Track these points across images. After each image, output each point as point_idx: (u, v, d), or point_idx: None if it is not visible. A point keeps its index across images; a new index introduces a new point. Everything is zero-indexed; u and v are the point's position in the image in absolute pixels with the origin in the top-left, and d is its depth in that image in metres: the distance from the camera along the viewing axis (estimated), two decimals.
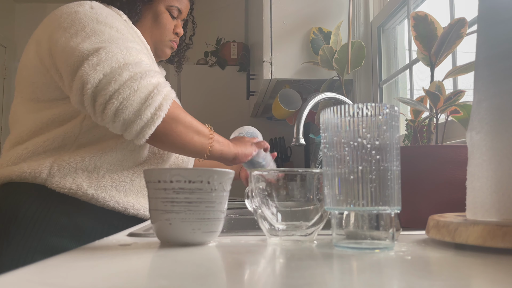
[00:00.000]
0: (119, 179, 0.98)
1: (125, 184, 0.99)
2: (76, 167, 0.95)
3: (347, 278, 0.37)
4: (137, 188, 1.02)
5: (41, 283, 0.35)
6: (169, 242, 0.55)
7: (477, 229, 0.47)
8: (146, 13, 1.12)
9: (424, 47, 0.85)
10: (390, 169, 0.49)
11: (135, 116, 0.85)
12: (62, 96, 0.96)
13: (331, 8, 1.83)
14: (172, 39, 1.17)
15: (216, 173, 0.55)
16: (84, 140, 0.97)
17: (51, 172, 0.93)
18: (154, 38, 1.14)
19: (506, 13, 0.53)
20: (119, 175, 0.99)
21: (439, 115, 0.82)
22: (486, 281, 0.37)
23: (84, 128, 0.96)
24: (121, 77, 0.84)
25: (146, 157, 1.04)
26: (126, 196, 1.00)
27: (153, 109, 0.86)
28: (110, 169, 0.98)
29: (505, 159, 0.51)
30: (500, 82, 0.53)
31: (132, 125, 0.86)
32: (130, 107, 0.84)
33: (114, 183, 0.97)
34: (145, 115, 0.85)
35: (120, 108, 0.84)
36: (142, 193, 1.03)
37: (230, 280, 0.37)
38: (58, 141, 0.96)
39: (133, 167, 1.01)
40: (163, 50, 1.17)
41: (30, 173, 0.93)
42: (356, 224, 0.49)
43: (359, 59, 1.62)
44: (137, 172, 1.02)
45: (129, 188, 1.00)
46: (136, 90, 0.84)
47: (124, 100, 0.84)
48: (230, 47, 2.98)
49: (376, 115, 0.49)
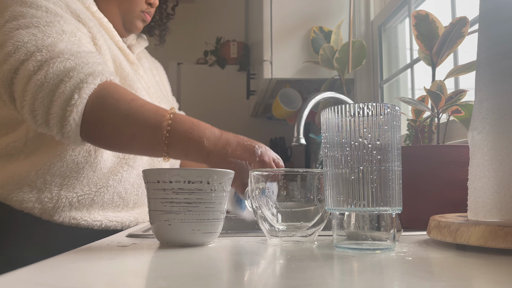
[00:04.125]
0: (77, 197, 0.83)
1: (85, 202, 0.83)
2: (22, 183, 0.80)
3: (348, 279, 0.37)
4: (102, 204, 0.86)
5: (39, 284, 0.35)
6: (168, 243, 0.55)
7: (479, 229, 0.47)
8: None
9: (425, 46, 0.85)
10: (391, 169, 0.49)
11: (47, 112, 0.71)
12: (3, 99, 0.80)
13: (332, 7, 1.82)
14: (144, 10, 1.01)
15: (216, 173, 0.54)
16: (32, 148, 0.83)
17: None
18: (122, 9, 0.99)
19: (507, 13, 0.53)
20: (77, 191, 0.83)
21: (440, 115, 0.82)
22: (487, 282, 0.36)
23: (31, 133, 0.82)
24: (26, 71, 0.71)
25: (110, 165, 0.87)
26: (90, 213, 0.85)
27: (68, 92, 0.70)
28: (64, 184, 0.82)
29: (507, 159, 0.51)
30: (502, 82, 0.52)
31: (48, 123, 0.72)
32: (42, 107, 0.71)
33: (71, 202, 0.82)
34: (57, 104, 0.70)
35: (34, 104, 0.71)
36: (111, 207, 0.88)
37: (230, 281, 0.37)
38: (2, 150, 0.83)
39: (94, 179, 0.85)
40: (132, 23, 1.01)
41: None
42: (357, 225, 0.49)
43: (360, 59, 1.62)
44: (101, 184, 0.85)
45: (91, 205, 0.84)
46: (43, 82, 0.70)
47: (35, 93, 0.70)
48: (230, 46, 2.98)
49: (377, 114, 0.49)
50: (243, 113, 2.94)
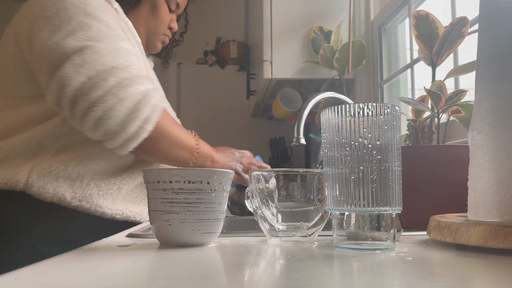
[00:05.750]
0: (105, 187, 0.91)
1: (112, 192, 0.92)
2: (58, 175, 0.87)
3: (348, 279, 0.37)
4: (124, 195, 0.96)
5: (39, 284, 0.35)
6: (168, 243, 0.55)
7: (479, 229, 0.47)
8: (144, 2, 1.07)
9: (425, 46, 0.85)
10: (391, 169, 0.49)
11: (119, 128, 0.79)
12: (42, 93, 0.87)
13: (332, 7, 1.82)
14: (166, 33, 1.13)
15: (215, 173, 0.54)
16: (65, 142, 0.89)
17: (29, 181, 0.85)
18: (149, 29, 1.09)
19: (507, 12, 0.53)
20: (106, 183, 0.91)
21: (440, 115, 0.82)
22: (487, 282, 0.36)
23: (65, 128, 0.88)
24: (106, 83, 0.78)
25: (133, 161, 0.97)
26: (114, 203, 0.93)
27: (140, 122, 0.81)
28: (95, 177, 0.90)
29: (507, 159, 0.51)
30: (502, 82, 0.52)
31: (114, 137, 0.80)
32: (115, 118, 0.78)
33: (100, 192, 0.90)
34: (130, 128, 0.80)
35: (103, 118, 0.78)
36: (131, 199, 0.97)
37: (230, 281, 0.37)
38: (36, 142, 0.88)
39: (120, 173, 0.94)
40: (154, 43, 1.12)
41: (6, 183, 0.85)
42: (357, 225, 0.49)
43: (360, 59, 1.62)
44: (125, 178, 0.94)
45: (116, 196, 0.93)
46: (122, 99, 0.78)
47: (108, 109, 0.78)
48: (230, 46, 2.98)
49: (377, 114, 0.49)
50: (243, 113, 2.93)
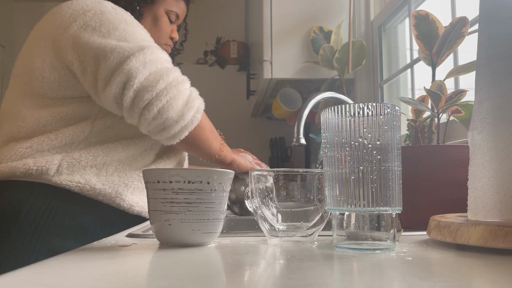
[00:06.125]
0: (126, 177, 0.99)
1: (133, 181, 0.99)
2: (86, 164, 0.95)
3: (348, 279, 0.37)
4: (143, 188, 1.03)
5: (39, 284, 0.35)
6: (168, 243, 0.55)
7: (479, 229, 0.47)
8: (146, 15, 1.13)
9: (425, 46, 0.85)
10: (391, 169, 0.49)
11: (178, 116, 0.90)
12: (72, 95, 0.96)
13: (332, 7, 1.82)
14: (168, 43, 1.19)
15: (215, 173, 0.54)
16: (94, 140, 0.97)
17: (59, 169, 0.92)
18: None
19: (507, 12, 0.53)
20: (128, 174, 0.99)
21: (440, 115, 0.82)
22: (487, 282, 0.36)
23: (95, 128, 0.97)
24: (168, 78, 0.89)
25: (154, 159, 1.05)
26: (133, 194, 1.00)
27: (193, 112, 0.93)
28: (119, 167, 0.98)
29: (507, 159, 0.51)
30: (502, 82, 0.52)
31: (173, 125, 0.90)
32: (175, 108, 0.90)
33: (122, 180, 0.97)
34: (187, 116, 0.91)
35: (166, 107, 0.88)
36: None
37: (230, 281, 0.37)
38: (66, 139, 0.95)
39: (141, 168, 1.02)
40: None
41: (37, 170, 0.91)
42: (357, 225, 0.49)
43: (360, 59, 1.62)
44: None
45: (137, 186, 1.01)
46: (179, 92, 0.90)
47: (170, 99, 0.89)
48: (230, 46, 2.98)
49: (377, 114, 0.49)
50: (243, 113, 2.93)
